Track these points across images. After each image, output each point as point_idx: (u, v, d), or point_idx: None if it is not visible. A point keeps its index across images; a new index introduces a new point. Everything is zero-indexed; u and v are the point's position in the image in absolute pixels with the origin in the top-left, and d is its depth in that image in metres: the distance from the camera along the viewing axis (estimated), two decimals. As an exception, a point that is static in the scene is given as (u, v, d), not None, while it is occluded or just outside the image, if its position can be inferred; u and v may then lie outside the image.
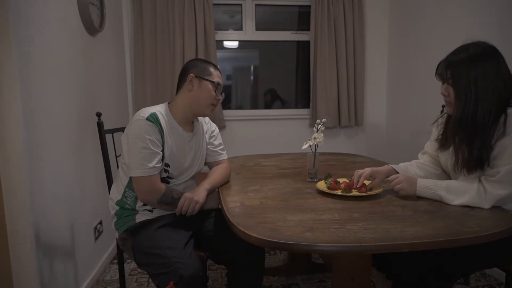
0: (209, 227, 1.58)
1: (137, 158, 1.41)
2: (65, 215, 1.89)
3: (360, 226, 1.10)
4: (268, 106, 3.73)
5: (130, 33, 3.08)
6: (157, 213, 1.52)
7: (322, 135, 1.66)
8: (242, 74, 3.89)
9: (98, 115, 1.58)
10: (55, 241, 1.78)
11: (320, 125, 1.67)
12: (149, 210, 1.51)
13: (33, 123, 1.58)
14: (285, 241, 1.01)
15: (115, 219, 1.54)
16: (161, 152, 1.46)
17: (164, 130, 1.47)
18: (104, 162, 1.61)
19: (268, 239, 1.02)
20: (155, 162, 1.42)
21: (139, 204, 1.50)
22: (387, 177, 1.49)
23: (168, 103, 1.57)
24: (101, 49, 2.46)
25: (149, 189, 1.44)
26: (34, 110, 1.60)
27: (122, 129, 1.85)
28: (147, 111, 1.47)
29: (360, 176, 1.48)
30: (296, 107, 3.68)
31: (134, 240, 1.45)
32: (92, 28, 2.23)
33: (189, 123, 1.59)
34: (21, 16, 1.52)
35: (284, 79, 3.84)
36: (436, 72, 1.39)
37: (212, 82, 1.53)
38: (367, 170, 1.50)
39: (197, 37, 3.05)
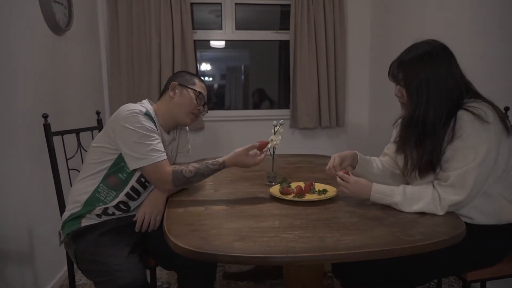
0: (157, 231, 1.52)
1: (143, 147, 1.35)
2: (23, 219, 1.84)
3: (296, 235, 1.05)
4: (256, 106, 3.68)
5: (105, 33, 3.02)
6: (105, 217, 1.46)
7: (280, 137, 1.61)
8: (232, 74, 3.84)
9: (45, 116, 1.54)
10: (9, 245, 1.73)
11: (278, 127, 1.62)
12: (97, 215, 1.45)
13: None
14: (210, 252, 0.95)
15: (64, 219, 1.45)
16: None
17: (157, 128, 1.47)
18: (51, 165, 1.56)
19: (194, 249, 0.97)
20: (162, 148, 1.41)
21: (118, 200, 1.44)
22: (353, 161, 1.47)
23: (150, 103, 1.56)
24: (70, 49, 2.41)
25: (160, 177, 1.38)
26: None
27: (72, 131, 1.78)
28: (138, 107, 1.43)
29: (335, 167, 1.39)
30: (279, 107, 3.63)
31: (76, 245, 1.39)
32: (57, 27, 2.18)
33: (169, 129, 1.60)
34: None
35: (273, 79, 3.79)
36: (388, 73, 1.34)
37: (194, 90, 1.55)
38: (336, 158, 1.42)
39: (174, 36, 2.99)
